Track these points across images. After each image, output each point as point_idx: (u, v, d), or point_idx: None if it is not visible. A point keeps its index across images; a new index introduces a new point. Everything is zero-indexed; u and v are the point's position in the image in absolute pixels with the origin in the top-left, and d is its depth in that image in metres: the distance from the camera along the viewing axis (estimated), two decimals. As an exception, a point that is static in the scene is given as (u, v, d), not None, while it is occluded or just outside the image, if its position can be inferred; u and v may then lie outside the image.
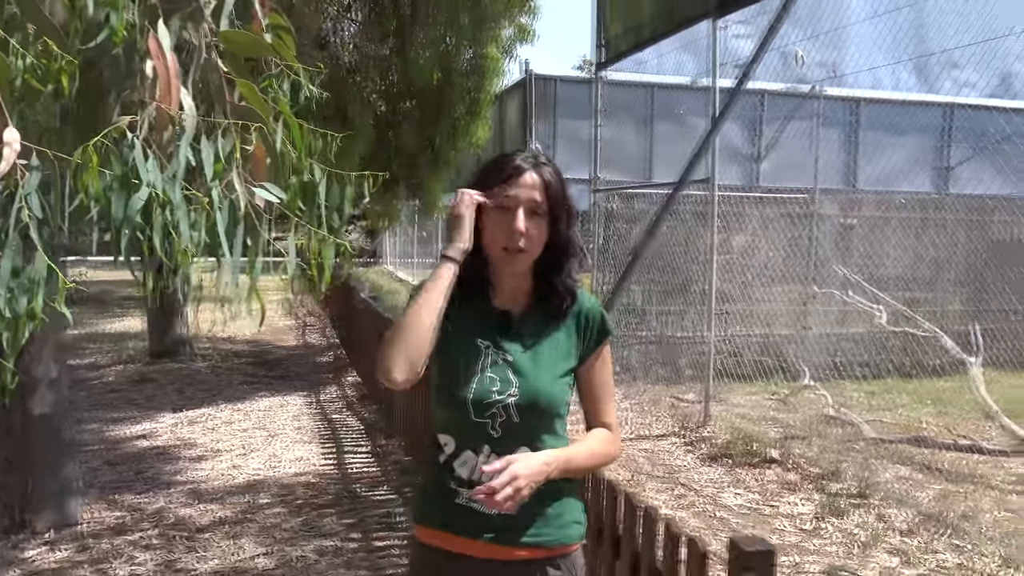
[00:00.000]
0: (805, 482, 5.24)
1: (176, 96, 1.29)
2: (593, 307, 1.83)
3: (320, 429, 6.77)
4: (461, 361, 1.73)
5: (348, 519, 4.75)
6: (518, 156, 1.75)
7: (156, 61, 1.27)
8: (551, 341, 1.78)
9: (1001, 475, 5.53)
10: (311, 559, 4.19)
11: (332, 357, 10.20)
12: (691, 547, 1.91)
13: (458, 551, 1.74)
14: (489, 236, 1.72)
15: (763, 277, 9.49)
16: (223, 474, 5.59)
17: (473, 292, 1.77)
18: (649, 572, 2.12)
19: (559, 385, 1.76)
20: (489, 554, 1.72)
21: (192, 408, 7.44)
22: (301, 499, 5.08)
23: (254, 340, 11.67)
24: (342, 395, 8.15)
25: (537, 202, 1.70)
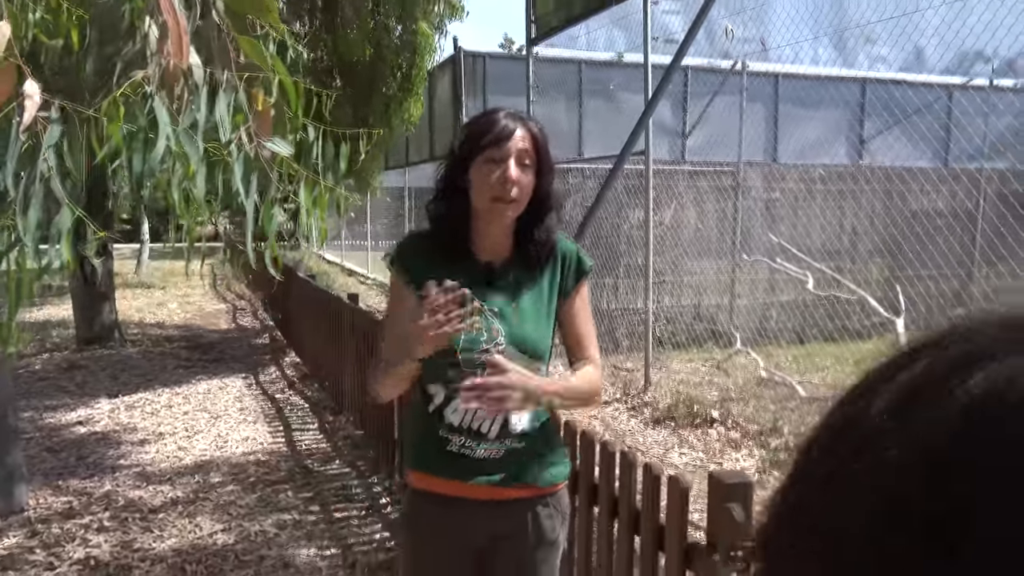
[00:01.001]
0: (746, 439, 5.48)
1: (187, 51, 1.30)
2: (569, 247, 1.91)
3: (265, 409, 6.72)
4: None
5: (304, 493, 4.76)
6: (502, 113, 1.81)
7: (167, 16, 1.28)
8: (533, 289, 1.85)
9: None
10: (271, 533, 4.20)
11: (268, 339, 10.07)
12: (672, 484, 2.02)
13: (451, 494, 1.81)
14: (478, 188, 1.77)
15: (695, 248, 9.76)
16: (170, 456, 5.51)
17: (455, 246, 1.83)
18: (629, 514, 2.23)
19: (543, 330, 1.84)
20: (482, 495, 1.80)
21: (128, 393, 7.27)
22: (254, 476, 5.06)
23: (184, 325, 11.43)
24: (282, 376, 8.08)
25: (527, 152, 1.76)
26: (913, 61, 10.53)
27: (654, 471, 2.11)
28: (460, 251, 1.82)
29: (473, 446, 1.78)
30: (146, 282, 16.80)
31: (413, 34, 8.79)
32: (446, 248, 1.82)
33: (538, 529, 1.84)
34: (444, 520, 1.81)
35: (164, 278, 17.58)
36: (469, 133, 1.79)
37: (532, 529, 1.83)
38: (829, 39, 9.93)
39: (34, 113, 1.15)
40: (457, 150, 1.80)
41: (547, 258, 1.86)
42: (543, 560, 1.86)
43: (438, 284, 1.63)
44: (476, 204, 1.79)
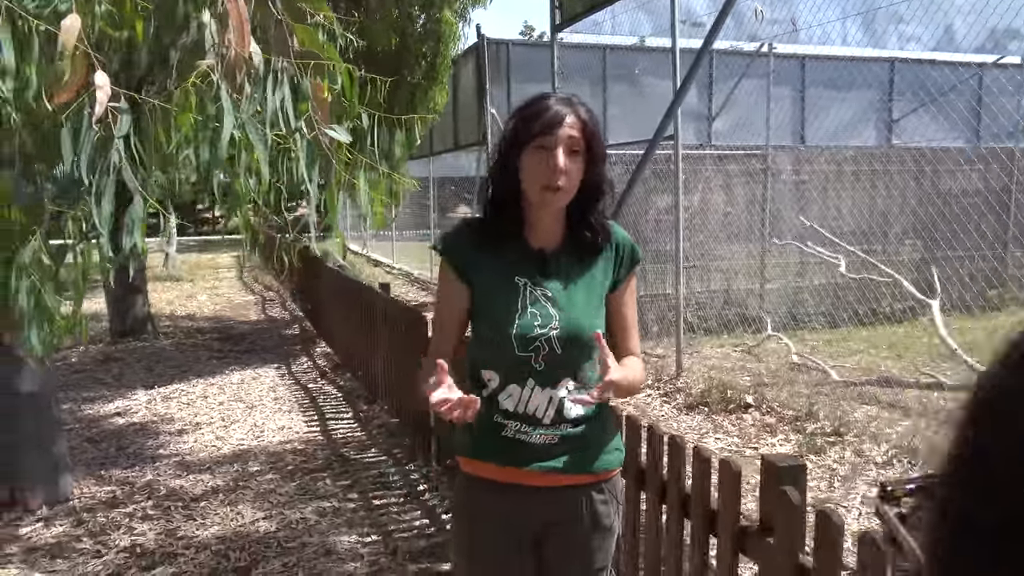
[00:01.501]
0: (782, 424, 5.45)
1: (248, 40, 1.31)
2: (624, 237, 1.90)
3: (299, 398, 6.78)
4: (501, 300, 1.79)
5: (343, 481, 4.80)
6: (553, 99, 1.80)
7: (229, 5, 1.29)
8: (586, 275, 1.85)
9: (962, 409, 5.81)
10: (312, 520, 4.25)
11: (298, 329, 10.15)
12: (723, 467, 2.01)
13: (505, 480, 1.81)
14: (528, 176, 1.76)
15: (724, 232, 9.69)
16: (208, 446, 5.58)
17: (507, 231, 1.83)
18: (679, 498, 2.23)
19: (596, 316, 1.84)
20: (537, 481, 1.80)
21: (164, 385, 7.37)
22: (292, 465, 5.11)
23: (215, 316, 11.54)
24: (314, 366, 8.14)
25: (575, 140, 1.75)
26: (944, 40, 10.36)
27: (704, 454, 2.11)
28: (512, 236, 1.82)
29: (529, 431, 1.78)
30: (175, 275, 16.95)
31: (437, 22, 8.78)
32: (497, 234, 1.82)
33: (593, 515, 1.84)
34: (499, 507, 1.82)
35: (191, 271, 17.75)
36: (520, 119, 1.78)
37: (587, 515, 1.83)
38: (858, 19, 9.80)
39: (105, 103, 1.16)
40: (509, 135, 1.79)
41: (601, 245, 1.85)
42: (598, 547, 1.86)
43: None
44: (526, 192, 1.79)
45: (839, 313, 9.75)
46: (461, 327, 1.88)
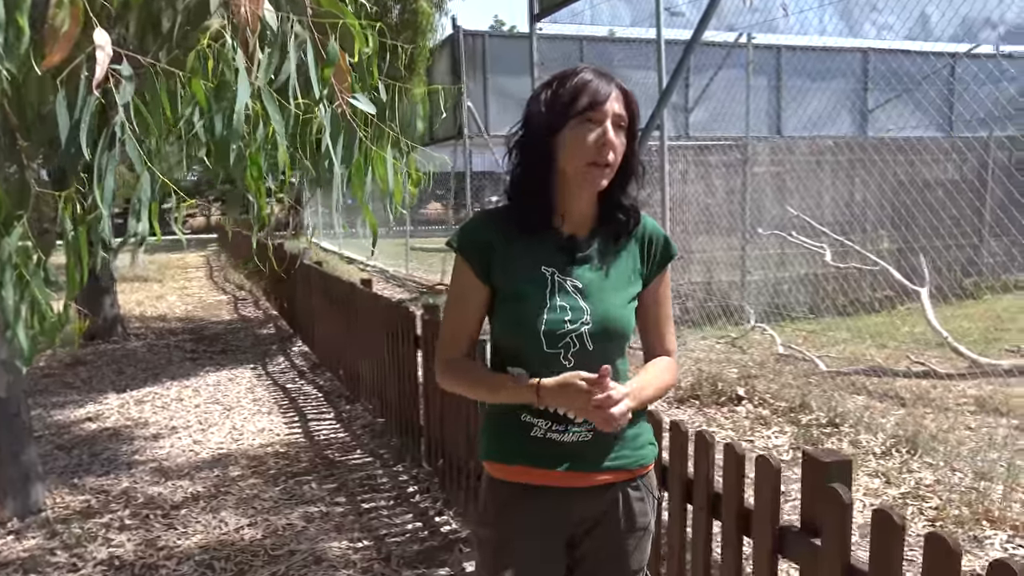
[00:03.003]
0: (776, 416, 5.37)
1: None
2: (656, 229, 1.78)
3: (278, 399, 6.58)
4: (528, 291, 1.65)
5: (329, 484, 4.63)
6: (591, 72, 1.64)
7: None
8: (618, 264, 1.72)
9: (953, 397, 5.78)
10: (299, 526, 4.08)
11: (274, 328, 9.92)
12: (761, 464, 1.89)
13: (537, 483, 1.68)
14: (572, 152, 1.62)
15: (704, 224, 9.63)
16: (185, 450, 5.38)
17: (537, 217, 1.69)
18: (707, 498, 2.11)
19: (628, 309, 1.71)
20: (570, 483, 1.68)
21: (136, 388, 7.12)
22: (274, 469, 4.93)
23: (186, 317, 11.27)
24: (291, 365, 7.94)
25: (621, 116, 1.63)
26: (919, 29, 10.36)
27: (737, 451, 1.98)
28: (542, 223, 1.68)
29: (561, 430, 1.65)
30: (142, 275, 16.60)
31: (413, 13, 8.61)
32: (526, 220, 1.68)
33: (629, 513, 1.71)
34: (532, 511, 1.68)
35: (160, 271, 17.39)
36: (559, 95, 1.63)
37: (623, 513, 1.71)
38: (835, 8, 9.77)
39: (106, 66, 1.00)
40: (545, 112, 1.64)
41: (633, 228, 1.72)
42: (636, 546, 1.73)
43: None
44: (567, 169, 1.64)
45: (820, 303, 9.74)
46: (476, 328, 1.74)
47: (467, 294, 1.71)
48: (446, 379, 1.76)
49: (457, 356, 1.73)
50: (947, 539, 1.42)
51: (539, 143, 1.65)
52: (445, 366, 1.75)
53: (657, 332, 1.80)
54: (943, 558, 1.43)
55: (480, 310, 1.71)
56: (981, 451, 4.53)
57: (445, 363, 1.74)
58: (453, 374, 1.74)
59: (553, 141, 1.63)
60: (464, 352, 1.74)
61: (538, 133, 1.65)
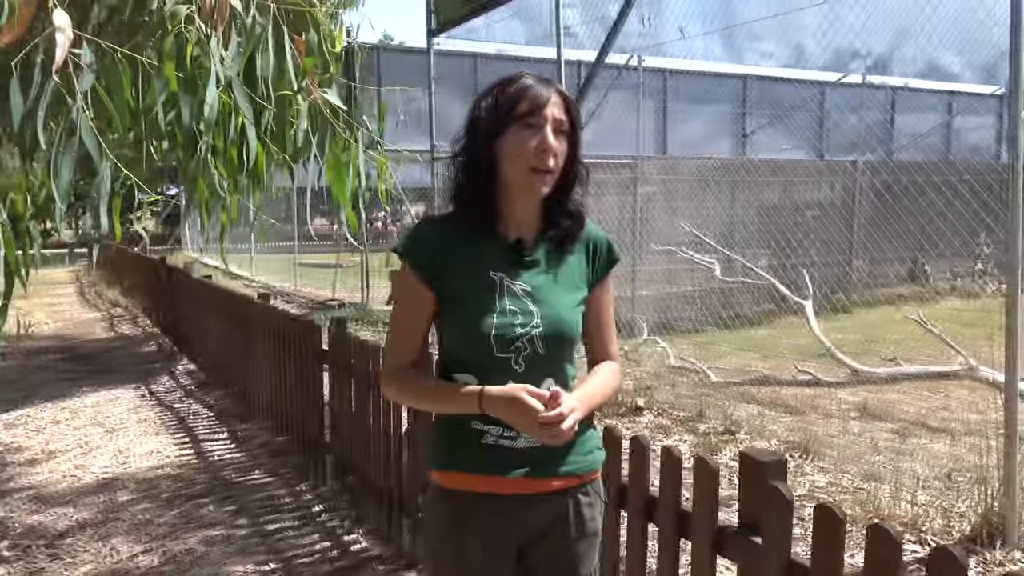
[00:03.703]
0: (675, 425, 5.51)
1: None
2: (599, 234, 1.80)
3: (166, 420, 6.27)
4: (477, 296, 1.64)
5: (228, 506, 4.44)
6: (531, 78, 1.65)
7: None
8: (565, 268, 1.72)
9: (836, 404, 6.09)
10: (200, 551, 3.89)
11: (156, 346, 9.46)
12: (700, 465, 1.93)
13: (490, 491, 1.66)
14: (513, 158, 1.61)
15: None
16: (66, 476, 5.05)
17: (482, 223, 1.68)
18: (644, 502, 2.14)
19: (577, 312, 1.72)
20: (523, 489, 1.66)
21: (7, 410, 6.65)
22: (168, 492, 4.69)
23: (57, 335, 10.61)
24: (177, 384, 7.58)
25: (562, 120, 1.63)
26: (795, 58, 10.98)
27: (675, 454, 2.02)
28: (487, 228, 1.67)
29: (513, 436, 1.63)
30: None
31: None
32: (471, 227, 1.66)
33: (579, 519, 1.72)
34: (483, 520, 1.65)
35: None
36: (500, 101, 1.62)
37: (574, 520, 1.71)
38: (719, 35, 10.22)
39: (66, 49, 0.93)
40: (485, 118, 1.64)
41: (578, 232, 1.73)
42: (584, 552, 1.74)
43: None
44: (509, 176, 1.64)
45: (707, 317, 10.11)
46: (424, 335, 1.71)
47: (414, 301, 1.68)
48: (392, 389, 1.72)
49: (405, 364, 1.70)
50: (889, 530, 1.49)
51: (481, 149, 1.64)
52: (391, 376, 1.71)
53: (600, 337, 1.81)
54: (885, 547, 1.49)
55: (428, 317, 1.69)
56: (867, 454, 4.79)
57: (391, 373, 1.71)
58: (399, 384, 1.71)
59: (494, 147, 1.62)
60: (413, 360, 1.71)
61: (480, 139, 1.64)
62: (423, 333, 1.71)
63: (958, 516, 3.67)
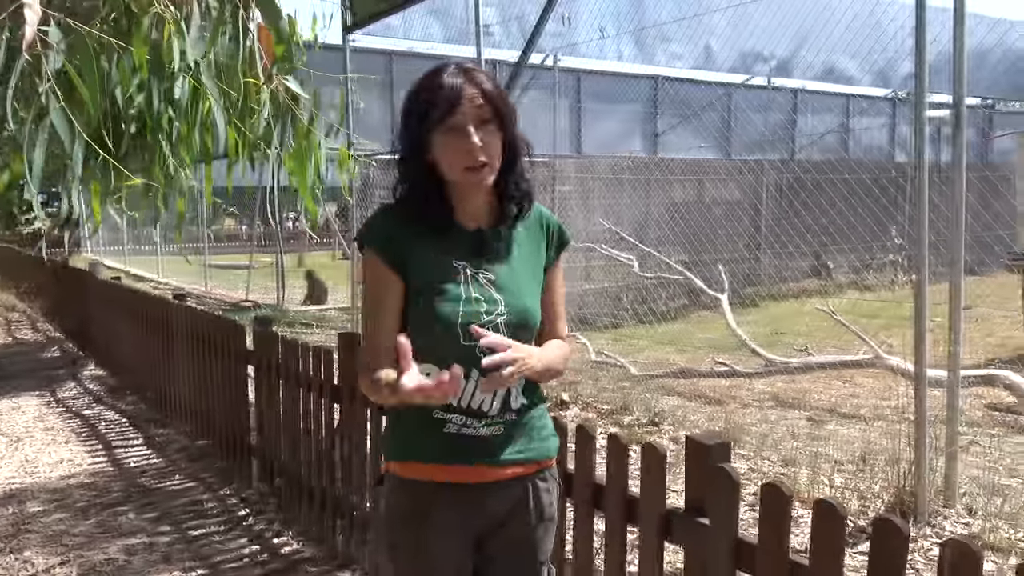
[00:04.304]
0: (601, 418, 5.61)
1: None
2: (552, 217, 1.83)
3: (75, 427, 6.01)
4: (442, 285, 1.64)
5: (149, 514, 4.30)
6: (447, 73, 1.62)
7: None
8: (525, 254, 1.75)
9: (753, 394, 6.31)
10: (120, 560, 3.75)
11: (59, 352, 9.05)
12: (648, 450, 1.98)
13: (451, 480, 1.67)
14: (446, 161, 1.62)
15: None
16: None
17: (437, 217, 1.68)
18: (591, 489, 2.18)
19: (539, 298, 1.75)
20: (484, 477, 1.68)
21: None
22: (82, 501, 4.50)
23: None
24: (85, 391, 7.28)
25: (483, 109, 1.61)
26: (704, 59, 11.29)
27: (622, 441, 2.07)
28: (444, 222, 1.68)
29: (476, 425, 1.64)
30: None
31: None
32: (426, 219, 1.67)
33: (538, 505, 1.74)
34: (447, 509, 1.66)
35: None
36: (417, 106, 1.62)
37: (533, 506, 1.73)
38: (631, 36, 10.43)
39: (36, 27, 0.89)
40: (411, 126, 1.63)
41: (527, 210, 1.75)
42: (542, 537, 1.76)
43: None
44: (448, 177, 1.65)
45: (623, 313, 10.31)
46: (399, 322, 1.69)
47: (385, 287, 1.66)
48: (361, 384, 1.70)
49: (383, 358, 1.63)
50: (835, 506, 1.57)
51: (415, 161, 1.65)
52: (361, 373, 1.69)
53: (551, 318, 1.83)
54: (830, 521, 1.57)
55: (398, 303, 1.67)
56: (784, 440, 4.98)
57: (361, 369, 1.68)
58: (363, 383, 1.68)
59: (427, 155, 1.63)
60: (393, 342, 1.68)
61: (411, 153, 1.65)
62: (398, 317, 1.68)
63: (873, 496, 3.86)
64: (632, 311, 10.60)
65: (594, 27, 9.33)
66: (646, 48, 10.88)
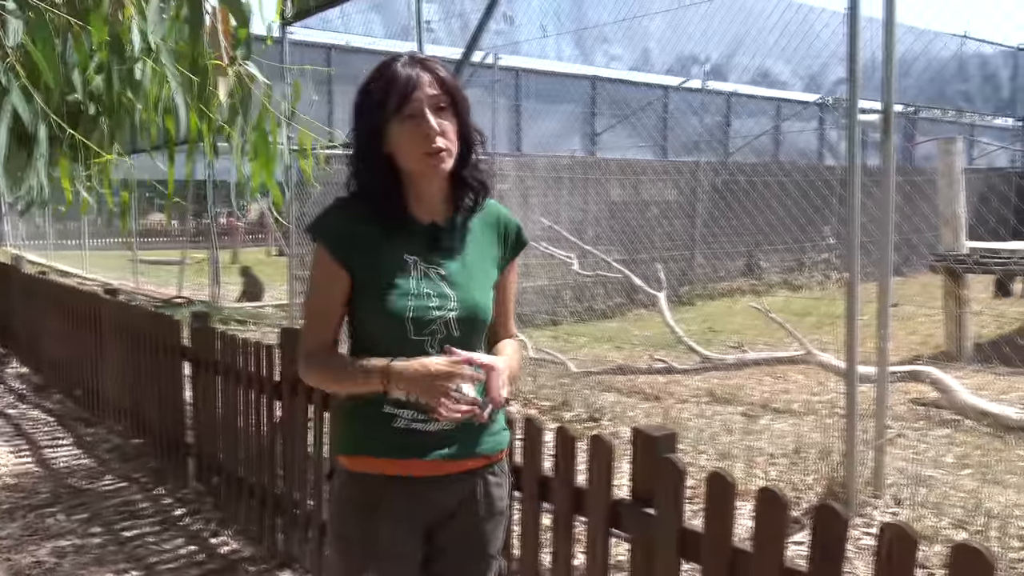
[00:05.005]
0: (541, 415, 5.64)
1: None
2: (510, 217, 1.84)
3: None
4: (393, 279, 1.64)
5: (79, 515, 4.17)
6: (399, 64, 1.63)
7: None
8: (478, 250, 1.75)
9: (688, 390, 6.43)
10: (50, 563, 3.64)
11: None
12: (596, 442, 2.02)
13: (402, 473, 1.67)
14: (404, 150, 1.62)
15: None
16: None
17: (392, 212, 1.68)
18: (539, 482, 2.20)
19: (490, 296, 1.76)
20: (434, 471, 1.69)
21: None
22: (7, 503, 4.35)
23: None
24: (8, 389, 7.01)
25: (439, 96, 1.62)
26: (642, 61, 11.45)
27: (569, 433, 2.10)
28: (400, 217, 1.68)
29: (425, 420, 1.65)
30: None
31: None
32: (380, 213, 1.66)
33: (488, 498, 1.76)
34: (395, 503, 1.66)
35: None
36: (373, 98, 1.62)
37: (483, 499, 1.75)
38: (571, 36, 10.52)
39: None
40: (365, 118, 1.63)
41: (483, 199, 1.76)
42: (492, 530, 1.78)
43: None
44: (408, 167, 1.65)
45: (560, 311, 10.40)
46: (340, 317, 1.70)
47: (329, 283, 1.66)
48: (309, 374, 1.70)
49: (321, 348, 1.68)
50: (777, 493, 1.62)
51: (372, 152, 1.65)
52: (305, 361, 1.69)
53: (504, 317, 1.85)
54: (773, 507, 1.62)
55: (343, 299, 1.67)
56: (720, 435, 5.09)
57: (305, 358, 1.68)
58: (314, 369, 1.68)
59: (383, 147, 1.63)
60: (329, 343, 1.69)
61: (367, 144, 1.65)
62: (340, 315, 1.70)
63: (806, 488, 3.98)
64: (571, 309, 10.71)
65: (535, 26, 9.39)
66: (586, 49, 10.99)
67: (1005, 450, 4.62)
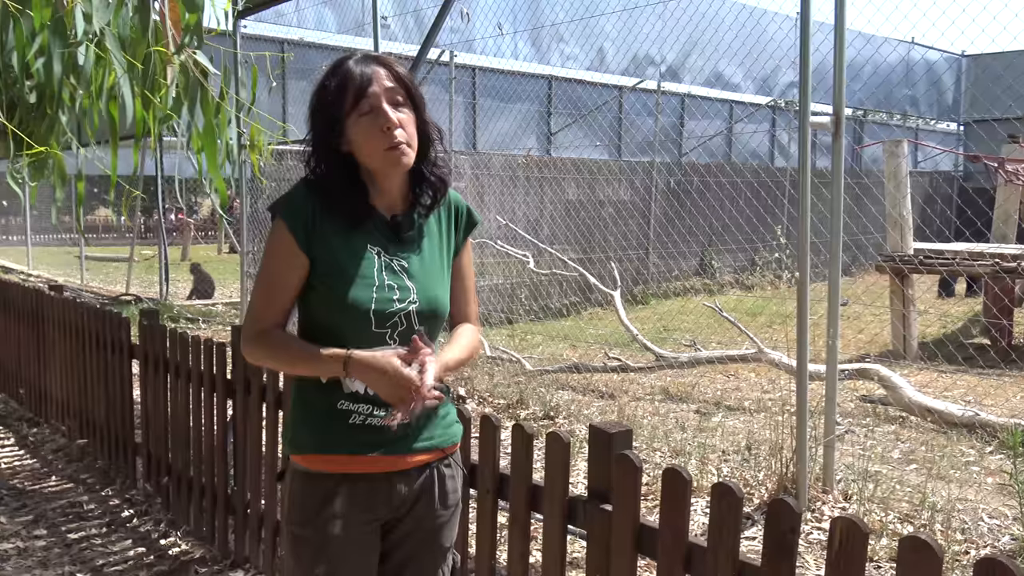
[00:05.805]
0: (497, 412, 5.64)
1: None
2: (459, 199, 1.84)
3: (-65, 428, 5.61)
4: (357, 270, 1.63)
5: (22, 517, 4.07)
6: (352, 61, 1.63)
7: None
8: (436, 241, 1.75)
9: (643, 388, 6.49)
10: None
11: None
12: (552, 439, 2.02)
13: (359, 470, 1.66)
14: (364, 146, 1.61)
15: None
16: None
17: (352, 202, 1.67)
18: (495, 479, 2.20)
19: (446, 286, 1.76)
20: (390, 467, 1.68)
21: None
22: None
23: None
24: (-54, 389, 6.80)
25: (395, 90, 1.62)
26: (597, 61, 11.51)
27: (526, 431, 2.10)
28: (363, 211, 1.66)
29: (381, 415, 1.64)
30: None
31: None
32: (345, 203, 1.65)
33: (443, 491, 1.76)
34: (354, 500, 1.65)
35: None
36: (328, 95, 1.61)
37: (438, 492, 1.75)
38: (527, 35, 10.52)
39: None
40: (323, 116, 1.62)
41: (441, 198, 1.75)
42: (447, 522, 1.78)
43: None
44: (369, 165, 1.64)
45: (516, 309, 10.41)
46: (291, 301, 1.67)
47: (288, 264, 1.63)
48: (259, 351, 1.66)
49: (272, 326, 1.64)
50: (732, 487, 1.64)
51: (330, 150, 1.64)
52: (257, 338, 1.65)
53: (463, 300, 1.84)
54: (728, 500, 1.64)
55: (299, 282, 1.64)
56: (674, 432, 5.14)
57: (257, 335, 1.65)
58: (268, 346, 1.64)
59: (342, 145, 1.62)
60: (281, 324, 1.66)
61: (325, 142, 1.64)
62: (292, 298, 1.67)
63: (757, 484, 4.04)
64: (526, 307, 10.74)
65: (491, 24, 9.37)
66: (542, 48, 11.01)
67: (949, 446, 4.74)
